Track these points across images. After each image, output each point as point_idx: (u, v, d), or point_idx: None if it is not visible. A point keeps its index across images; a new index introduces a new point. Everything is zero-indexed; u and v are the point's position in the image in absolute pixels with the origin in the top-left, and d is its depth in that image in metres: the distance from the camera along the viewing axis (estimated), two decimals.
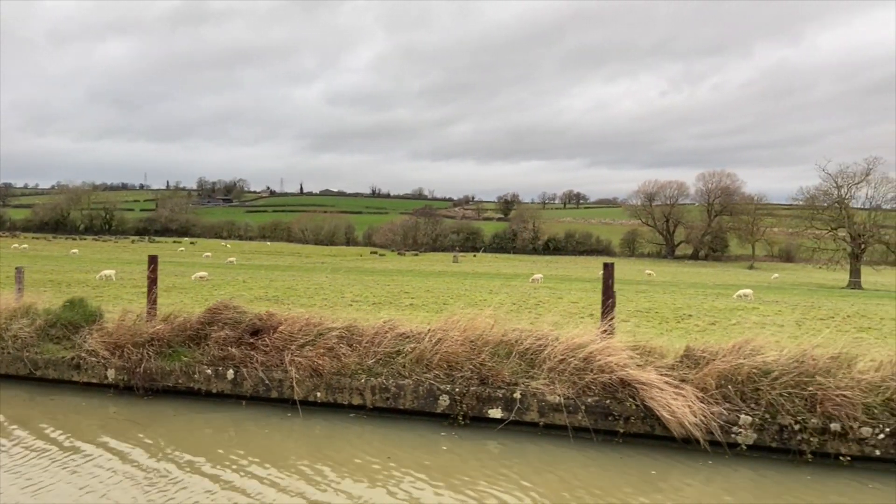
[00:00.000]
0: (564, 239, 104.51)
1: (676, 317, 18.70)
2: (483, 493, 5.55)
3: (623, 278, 56.68)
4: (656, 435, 6.39)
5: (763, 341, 6.73)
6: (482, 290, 26.58)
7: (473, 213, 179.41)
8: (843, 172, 55.95)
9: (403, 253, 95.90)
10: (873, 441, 5.95)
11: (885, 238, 53.90)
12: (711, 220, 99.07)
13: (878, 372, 6.24)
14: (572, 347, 6.80)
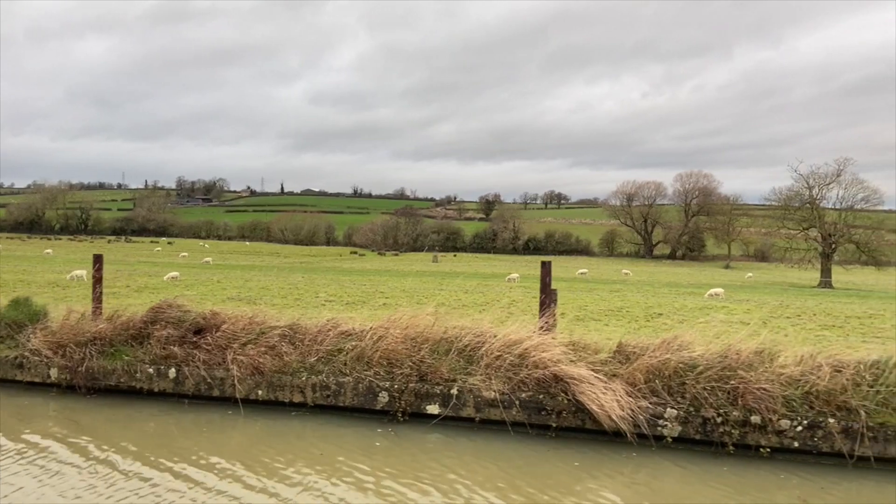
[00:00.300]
0: (544, 239, 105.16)
1: (647, 315, 18.91)
2: (419, 485, 5.68)
3: (600, 278, 57.38)
4: (587, 428, 6.56)
5: (691, 337, 6.94)
6: (458, 290, 26.67)
7: (455, 213, 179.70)
8: (815, 173, 57.07)
9: (383, 253, 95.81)
10: (792, 433, 6.17)
11: (856, 238, 54.98)
12: (688, 220, 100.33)
13: (798, 366, 6.47)
14: (508, 344, 6.95)
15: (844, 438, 6.04)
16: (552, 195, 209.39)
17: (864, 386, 6.23)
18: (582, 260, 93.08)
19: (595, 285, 39.58)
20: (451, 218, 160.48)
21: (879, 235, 55.78)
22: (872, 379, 6.26)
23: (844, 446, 6.03)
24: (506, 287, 31.44)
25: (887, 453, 5.97)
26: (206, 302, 17.85)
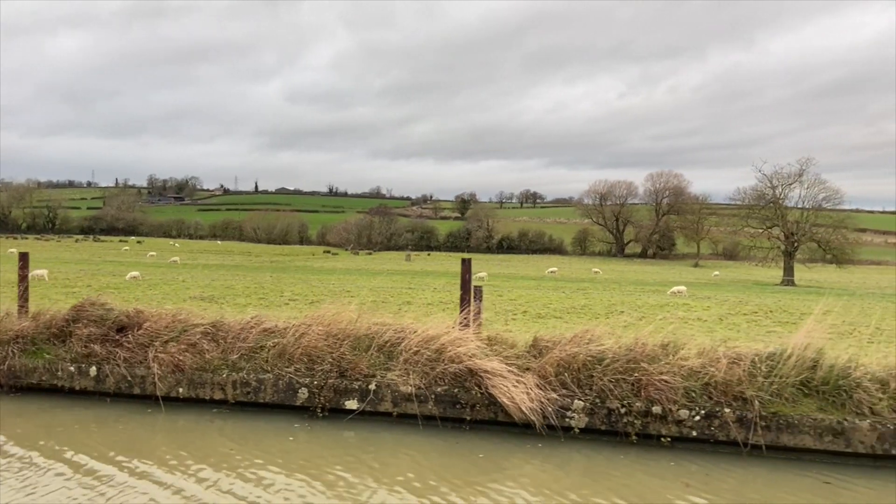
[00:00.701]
0: (518, 238, 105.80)
1: (607, 313, 19.29)
2: (337, 477, 5.81)
3: (569, 276, 57.98)
4: (500, 421, 6.75)
5: (602, 331, 7.17)
6: (426, 289, 26.74)
7: (431, 212, 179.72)
8: (778, 173, 58.30)
9: (357, 252, 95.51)
10: (690, 423, 6.43)
11: (817, 236, 56.29)
12: (659, 219, 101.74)
13: (699, 358, 6.74)
14: (427, 339, 7.11)
15: (739, 427, 6.31)
16: (528, 194, 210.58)
17: (760, 377, 6.51)
18: (555, 259, 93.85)
19: (563, 283, 40.11)
20: (427, 217, 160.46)
21: (840, 234, 57.14)
22: (767, 370, 6.54)
23: (739, 435, 6.30)
24: None
25: (779, 442, 6.25)
26: (167, 301, 17.76)
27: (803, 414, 6.24)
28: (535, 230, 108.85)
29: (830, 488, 5.78)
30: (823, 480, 5.94)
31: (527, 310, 18.99)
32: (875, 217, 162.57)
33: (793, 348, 6.55)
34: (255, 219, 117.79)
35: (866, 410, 6.18)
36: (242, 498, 5.38)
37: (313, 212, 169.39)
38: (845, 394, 6.26)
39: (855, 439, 6.10)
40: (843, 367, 6.36)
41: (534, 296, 27.13)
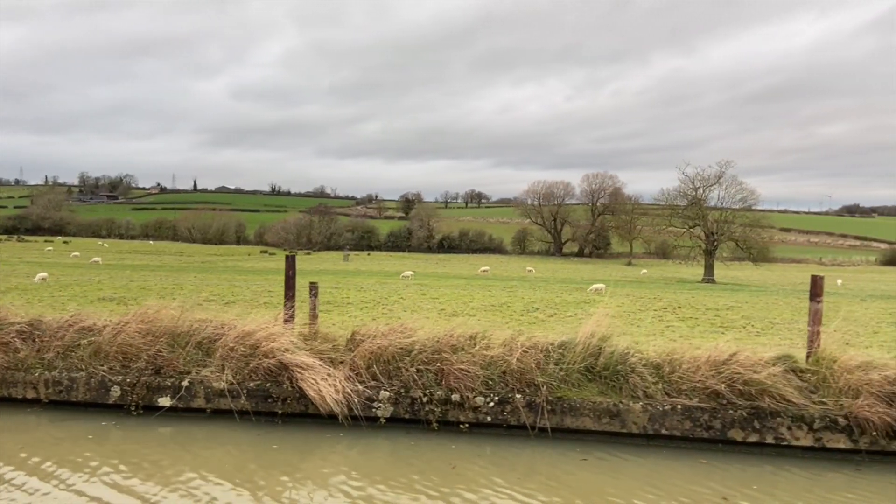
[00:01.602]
0: (459, 237, 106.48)
1: (524, 310, 19.81)
2: (139, 476, 5.86)
3: (502, 275, 58.79)
4: (311, 413, 6.95)
5: (416, 324, 7.46)
6: (353, 289, 26.69)
7: (375, 211, 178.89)
8: (700, 175, 60.70)
9: (295, 252, 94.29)
10: (486, 409, 6.79)
11: (735, 235, 58.87)
12: (595, 219, 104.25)
13: (501, 348, 7.11)
14: (244, 335, 7.25)
15: (528, 412, 6.71)
16: (472, 194, 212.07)
17: (552, 365, 6.93)
18: (493, 258, 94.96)
19: (493, 282, 40.79)
20: (371, 217, 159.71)
21: (756, 233, 59.94)
22: (558, 358, 6.97)
23: (528, 419, 6.70)
24: (402, 284, 32.05)
25: (564, 424, 6.68)
26: (72, 303, 17.20)
27: (585, 398, 6.68)
28: (475, 230, 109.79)
29: (608, 464, 6.24)
30: (600, 457, 6.40)
31: (444, 308, 19.34)
32: (800, 217, 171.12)
33: (581, 337, 7.00)
34: (190, 218, 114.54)
35: (640, 393, 6.67)
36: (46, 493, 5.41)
37: (254, 211, 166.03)
38: (622, 378, 6.75)
39: (629, 420, 6.58)
40: (621, 353, 6.85)
41: (457, 294, 27.55)
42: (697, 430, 6.48)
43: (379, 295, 24.53)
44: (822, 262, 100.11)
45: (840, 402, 6.34)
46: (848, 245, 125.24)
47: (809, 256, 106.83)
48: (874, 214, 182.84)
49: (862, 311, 25.73)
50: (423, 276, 52.21)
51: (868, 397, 6.26)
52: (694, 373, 6.65)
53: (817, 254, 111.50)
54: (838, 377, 6.47)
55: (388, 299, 22.45)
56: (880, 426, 6.16)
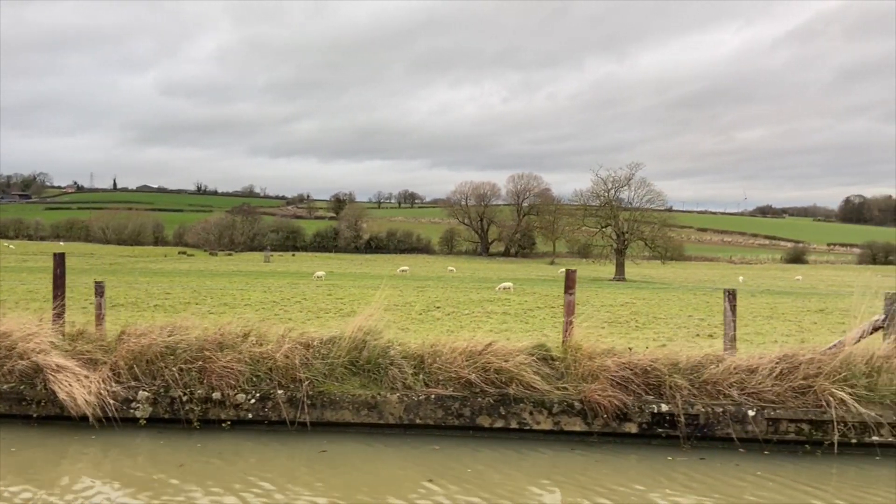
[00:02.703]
0: (386, 238, 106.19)
1: (427, 309, 20.22)
2: None
3: (420, 275, 58.97)
4: (66, 416, 6.78)
5: (190, 322, 7.41)
6: (260, 289, 26.50)
7: (305, 211, 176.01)
8: (612, 177, 62.86)
9: (215, 253, 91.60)
10: (247, 406, 6.82)
11: (644, 235, 61.22)
12: (521, 219, 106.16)
13: (270, 345, 7.15)
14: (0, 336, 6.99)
15: (290, 407, 6.78)
16: (406, 194, 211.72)
17: (318, 360, 7.03)
18: (420, 258, 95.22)
19: (408, 282, 40.95)
20: (300, 217, 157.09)
21: (664, 232, 62.53)
22: (326, 353, 7.08)
23: (289, 414, 6.77)
24: (313, 285, 31.70)
25: (324, 418, 6.79)
26: None
27: (345, 391, 6.82)
28: (403, 230, 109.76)
29: (363, 454, 6.37)
30: (356, 448, 6.53)
31: (342, 308, 19.32)
32: (717, 218, 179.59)
33: (349, 332, 7.13)
34: (104, 218, 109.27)
35: (399, 385, 6.86)
36: None
37: (177, 211, 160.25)
38: (382, 371, 6.92)
39: (386, 412, 6.76)
40: (383, 347, 7.03)
41: (364, 293, 27.51)
42: (449, 418, 6.72)
43: (283, 296, 24.29)
44: (732, 261, 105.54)
45: (579, 387, 6.72)
46: (758, 244, 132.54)
47: (722, 255, 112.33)
48: (784, 215, 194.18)
49: (746, 305, 27.52)
50: (339, 276, 51.82)
51: (602, 382, 6.65)
52: (451, 363, 6.89)
53: (730, 252, 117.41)
54: (581, 364, 6.84)
55: (290, 300, 22.28)
56: (610, 409, 6.57)
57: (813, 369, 6.69)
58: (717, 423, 6.57)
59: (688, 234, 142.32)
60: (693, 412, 6.59)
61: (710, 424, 6.58)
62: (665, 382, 6.72)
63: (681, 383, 6.70)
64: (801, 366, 6.73)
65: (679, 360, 6.87)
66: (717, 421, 6.57)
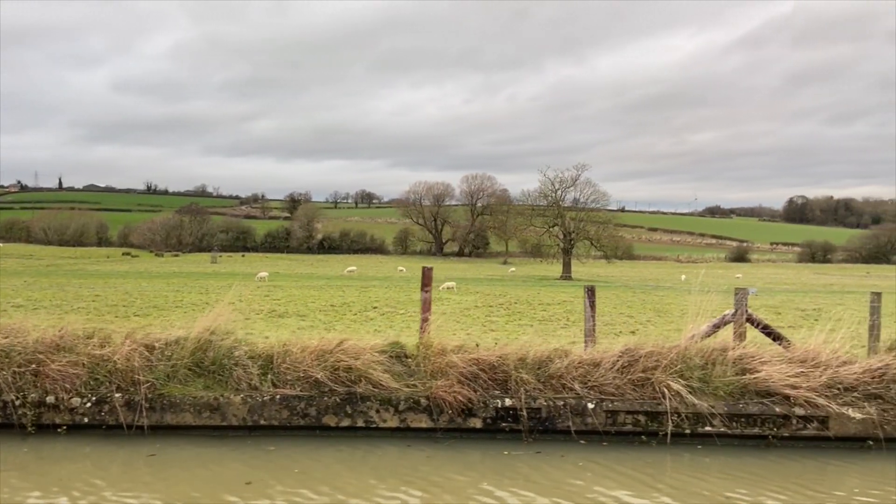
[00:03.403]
0: (339, 238, 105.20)
1: (362, 309, 20.30)
2: None
3: (368, 275, 58.64)
4: None
5: (29, 324, 7.15)
6: (195, 291, 26.00)
7: (259, 211, 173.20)
8: (559, 177, 63.72)
9: (161, 254, 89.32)
10: (83, 410, 6.61)
11: (590, 234, 62.21)
12: (474, 219, 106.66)
13: (112, 346, 6.95)
14: None
15: (127, 411, 6.61)
16: (363, 194, 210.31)
17: (162, 361, 6.87)
18: (374, 258, 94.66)
19: (354, 282, 40.69)
20: (254, 217, 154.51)
21: (609, 231, 63.67)
22: (170, 354, 6.93)
23: (126, 418, 6.59)
24: (253, 286, 31.24)
25: (164, 421, 6.64)
26: None
27: (187, 394, 6.67)
28: (357, 230, 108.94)
29: (203, 458, 6.23)
30: (198, 452, 6.39)
31: (276, 309, 19.16)
32: (668, 218, 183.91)
33: (195, 332, 6.99)
34: (45, 218, 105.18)
35: (244, 386, 6.76)
36: None
37: (125, 211, 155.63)
38: (227, 372, 6.81)
39: (230, 413, 6.65)
40: (228, 348, 6.91)
41: (304, 294, 27.31)
42: (295, 418, 6.66)
43: (218, 297, 23.77)
44: (679, 260, 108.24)
45: (427, 384, 6.73)
46: (705, 243, 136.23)
47: (670, 254, 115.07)
48: (732, 215, 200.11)
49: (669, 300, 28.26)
50: (285, 277, 51.17)
51: (450, 379, 6.69)
52: (300, 363, 6.83)
53: (677, 252, 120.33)
54: (431, 361, 6.86)
55: (221, 301, 21.79)
56: (456, 405, 6.60)
57: (652, 362, 6.86)
58: (558, 417, 6.68)
59: (639, 234, 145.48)
60: (535, 406, 6.68)
61: (552, 418, 6.68)
62: (512, 377, 6.80)
63: (526, 378, 6.79)
64: (640, 359, 6.89)
65: (527, 355, 6.96)
66: (559, 414, 6.68)
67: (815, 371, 6.74)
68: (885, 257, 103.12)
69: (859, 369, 6.78)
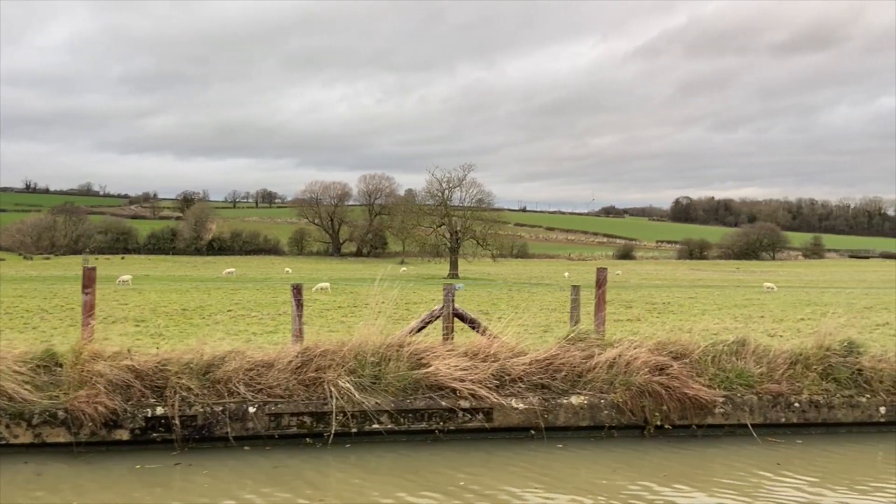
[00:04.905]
0: (230, 239, 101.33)
1: (217, 312, 19.96)
2: None
3: (250, 277, 56.81)
4: None
5: None
6: (39, 297, 24.38)
7: (149, 211, 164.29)
8: (446, 177, 64.30)
9: (31, 257, 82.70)
10: None
11: (476, 234, 63.18)
12: (372, 219, 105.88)
13: None
14: None
15: None
16: (264, 193, 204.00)
17: None
18: (266, 259, 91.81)
19: (226, 284, 39.12)
20: (142, 217, 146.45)
21: (495, 229, 64.94)
22: None
23: None
24: (110, 289, 29.70)
25: None
26: None
27: None
28: (249, 230, 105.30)
29: None
30: None
31: (127, 315, 18.48)
32: (566, 217, 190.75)
33: None
34: None
35: None
36: None
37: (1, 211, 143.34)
38: None
39: None
40: None
41: (163, 297, 26.24)
42: None
43: (59, 303, 22.29)
44: (570, 258, 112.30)
45: (71, 395, 6.21)
46: (597, 242, 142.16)
47: (563, 252, 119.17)
48: (625, 215, 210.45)
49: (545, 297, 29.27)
50: (155, 280, 48.67)
51: (96, 388, 6.20)
52: None
53: (571, 250, 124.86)
54: (79, 370, 6.34)
55: (63, 307, 20.55)
56: (97, 417, 6.12)
57: (325, 361, 6.68)
58: (216, 423, 6.35)
59: (536, 233, 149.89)
60: (191, 413, 6.32)
61: (209, 425, 6.34)
62: (170, 384, 6.40)
63: (187, 384, 6.41)
64: (315, 358, 6.69)
65: (192, 360, 6.58)
66: (217, 420, 6.35)
67: (484, 364, 6.79)
68: (755, 253, 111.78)
69: (528, 360, 6.90)
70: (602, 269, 8.22)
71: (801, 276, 70.52)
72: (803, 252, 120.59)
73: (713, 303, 27.28)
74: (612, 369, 7.01)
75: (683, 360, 7.17)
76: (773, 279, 56.14)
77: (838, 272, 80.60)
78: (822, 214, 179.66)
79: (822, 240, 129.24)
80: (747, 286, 46.15)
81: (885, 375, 7.09)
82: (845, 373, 7.12)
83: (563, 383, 6.93)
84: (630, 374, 6.89)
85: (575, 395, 6.87)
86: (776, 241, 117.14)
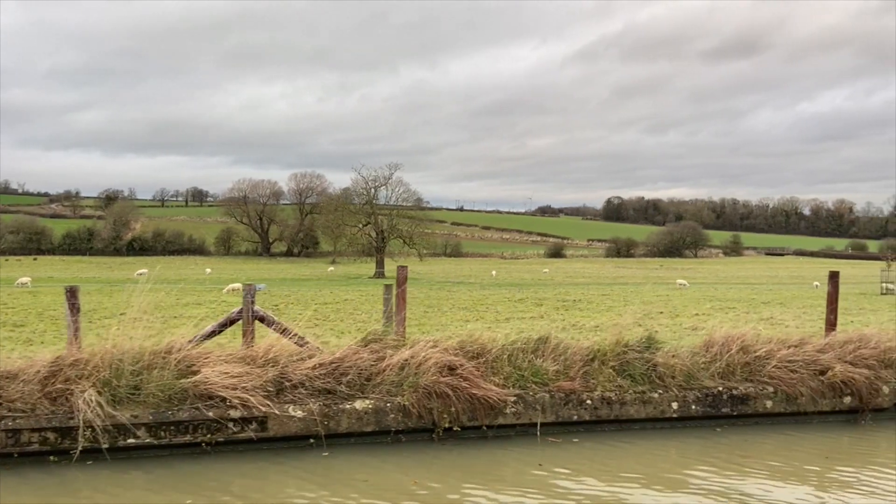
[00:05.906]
0: (153, 238, 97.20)
1: (105, 317, 18.50)
2: None
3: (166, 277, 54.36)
4: None
5: None
6: None
7: (70, 210, 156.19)
8: (373, 176, 63.52)
9: None
10: None
11: (402, 233, 62.70)
12: (303, 218, 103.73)
13: None
14: None
15: None
16: (194, 192, 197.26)
17: None
18: (189, 260, 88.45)
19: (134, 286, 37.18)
20: (62, 216, 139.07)
21: (421, 228, 64.62)
22: None
23: None
24: (5, 293, 28.52)
25: None
26: None
27: None
28: (173, 230, 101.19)
29: None
30: None
31: (6, 320, 17.63)
32: (503, 217, 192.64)
33: None
34: None
35: None
36: None
37: None
38: None
39: None
40: None
41: (56, 301, 24.66)
42: None
43: None
44: (503, 256, 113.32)
45: None
46: (531, 241, 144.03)
47: (496, 251, 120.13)
48: (560, 214, 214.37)
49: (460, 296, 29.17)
50: (60, 281, 46.15)
51: None
52: None
53: (505, 249, 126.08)
54: None
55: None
56: None
57: (76, 372, 6.10)
58: None
59: (472, 232, 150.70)
60: None
61: None
62: None
63: None
64: (64, 369, 6.10)
65: None
66: None
67: (261, 369, 6.36)
68: (679, 251, 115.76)
69: (311, 364, 6.52)
70: (402, 268, 7.91)
71: (718, 273, 73.47)
72: (723, 250, 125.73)
73: (623, 299, 27.80)
74: (403, 371, 6.71)
75: (479, 360, 6.95)
76: (690, 276, 58.17)
77: (753, 269, 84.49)
78: (744, 214, 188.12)
79: (741, 238, 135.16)
80: (664, 283, 47.56)
81: (677, 371, 7.07)
82: (640, 368, 7.06)
83: (349, 388, 6.58)
84: (419, 376, 6.61)
85: (360, 399, 6.53)
86: (698, 240, 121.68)
